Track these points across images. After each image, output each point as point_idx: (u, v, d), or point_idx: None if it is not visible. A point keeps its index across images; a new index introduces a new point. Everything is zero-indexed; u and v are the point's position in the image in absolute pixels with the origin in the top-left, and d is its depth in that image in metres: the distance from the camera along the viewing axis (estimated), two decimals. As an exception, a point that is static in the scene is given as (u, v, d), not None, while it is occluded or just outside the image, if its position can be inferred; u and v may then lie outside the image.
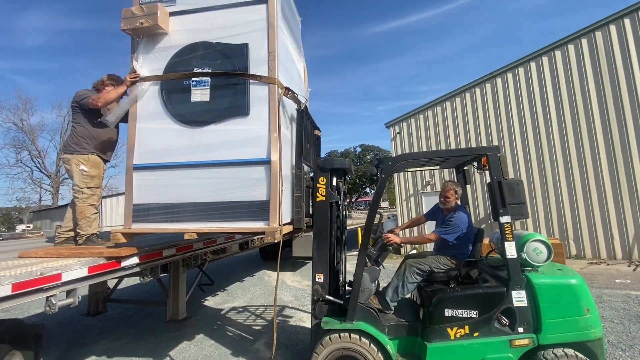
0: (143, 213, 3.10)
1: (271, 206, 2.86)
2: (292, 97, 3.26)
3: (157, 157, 3.11)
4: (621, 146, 9.13)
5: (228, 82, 3.06)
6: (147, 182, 3.12)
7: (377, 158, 3.49)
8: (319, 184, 3.26)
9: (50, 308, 2.59)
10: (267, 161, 2.91)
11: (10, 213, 42.67)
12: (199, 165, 3.04)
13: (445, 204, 3.45)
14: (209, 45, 3.12)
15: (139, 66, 3.20)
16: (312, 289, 3.20)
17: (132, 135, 3.17)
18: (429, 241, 3.38)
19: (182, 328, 5.23)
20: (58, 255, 3.12)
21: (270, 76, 2.98)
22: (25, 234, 23.65)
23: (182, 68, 3.14)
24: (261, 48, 3.03)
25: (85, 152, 3.44)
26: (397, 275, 3.34)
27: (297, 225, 3.21)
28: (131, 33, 3.18)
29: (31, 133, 33.59)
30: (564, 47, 9.93)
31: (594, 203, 9.37)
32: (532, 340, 2.74)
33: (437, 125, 11.94)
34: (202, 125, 3.07)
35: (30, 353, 2.82)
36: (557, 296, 2.76)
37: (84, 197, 3.41)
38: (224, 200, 2.98)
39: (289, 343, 4.52)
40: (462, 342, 2.83)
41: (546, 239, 3.00)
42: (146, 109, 3.19)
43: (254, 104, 3.00)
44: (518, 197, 2.87)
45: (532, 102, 10.33)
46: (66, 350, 4.61)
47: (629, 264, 8.49)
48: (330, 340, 3.01)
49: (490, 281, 3.12)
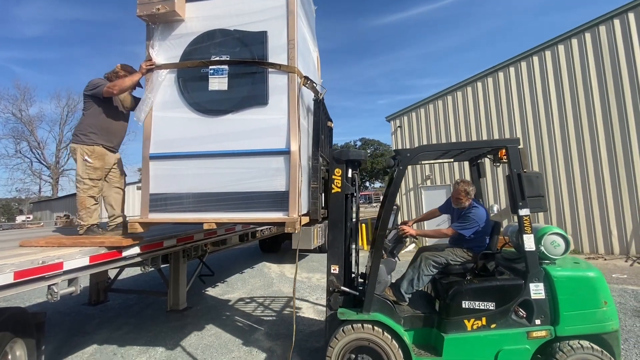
0: (160, 203, 3.07)
1: (290, 197, 2.84)
2: (311, 86, 3.21)
3: (173, 147, 3.07)
4: (622, 142, 9.15)
5: (246, 70, 3.01)
6: (164, 171, 3.09)
7: (395, 149, 3.49)
8: (335, 176, 3.24)
9: (52, 296, 2.61)
10: (287, 151, 2.87)
11: (10, 204, 42.51)
12: (217, 155, 3.01)
13: (459, 204, 3.45)
14: (227, 33, 3.06)
15: (155, 54, 3.14)
16: (328, 280, 3.21)
17: (148, 124, 3.12)
18: (445, 236, 3.38)
19: (182, 318, 5.28)
20: (59, 244, 3.11)
21: (289, 65, 2.93)
22: (25, 224, 23.81)
23: (199, 56, 3.07)
24: (280, 36, 2.97)
25: (91, 144, 3.41)
26: (412, 268, 3.35)
27: (314, 217, 3.19)
28: (147, 19, 3.10)
29: (30, 124, 33.41)
30: (567, 41, 9.87)
31: (593, 198, 9.41)
32: (549, 332, 2.77)
33: (438, 119, 11.91)
34: (219, 114, 3.03)
35: (32, 341, 2.83)
36: (575, 289, 2.79)
37: (85, 188, 3.39)
38: (243, 190, 2.95)
39: (288, 333, 4.57)
40: (479, 333, 2.87)
41: (564, 232, 3.03)
42: (162, 98, 3.14)
43: (273, 93, 2.96)
44: (537, 190, 2.87)
45: (534, 96, 10.29)
46: (68, 339, 4.66)
47: (626, 259, 8.59)
48: (347, 330, 3.03)
49: (507, 274, 3.14)
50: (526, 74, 10.45)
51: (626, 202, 9.05)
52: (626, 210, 9.04)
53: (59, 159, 34.88)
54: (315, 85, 3.32)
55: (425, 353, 2.99)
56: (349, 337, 3.03)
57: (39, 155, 34.24)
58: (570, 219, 9.62)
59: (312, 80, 3.22)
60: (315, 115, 3.38)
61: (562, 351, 2.73)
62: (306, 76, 3.13)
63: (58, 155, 34.88)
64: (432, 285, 3.53)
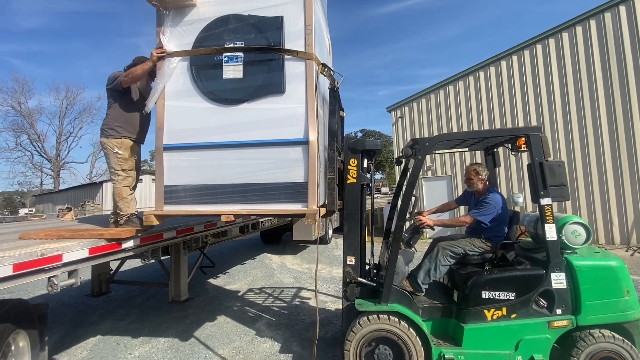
0: (175, 195, 2.99)
1: (310, 188, 2.77)
2: (328, 74, 3.10)
3: (188, 137, 2.97)
4: (625, 131, 9.15)
5: (262, 57, 2.89)
6: (178, 162, 3.00)
7: (413, 139, 3.42)
8: (350, 166, 3.18)
9: (52, 288, 2.60)
10: (305, 141, 2.79)
11: (12, 197, 42.71)
12: (233, 145, 2.92)
13: (471, 186, 3.46)
14: (241, 18, 2.94)
15: (166, 40, 3.01)
16: (344, 271, 3.19)
17: (161, 114, 3.02)
18: (464, 223, 3.34)
19: (184, 309, 5.29)
20: (58, 236, 3.09)
21: (307, 51, 2.82)
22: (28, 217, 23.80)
23: (213, 43, 2.95)
24: (297, 21, 2.85)
25: (118, 137, 3.45)
26: (429, 258, 3.32)
27: (331, 208, 3.14)
28: (158, 4, 2.97)
29: (30, 117, 33.31)
30: (572, 28, 9.74)
31: (595, 188, 9.43)
32: (570, 321, 2.77)
33: (439, 109, 11.81)
34: (235, 103, 2.93)
35: (35, 332, 2.82)
36: (597, 278, 2.78)
37: (119, 179, 3.44)
38: (260, 181, 2.87)
39: (289, 323, 4.63)
40: (499, 323, 2.86)
41: (585, 221, 3.00)
42: (175, 87, 3.03)
43: (290, 81, 2.85)
44: (559, 179, 2.84)
45: (537, 85, 10.20)
46: (71, 330, 4.67)
47: (626, 249, 8.65)
48: (364, 322, 3.01)
49: (525, 264, 3.12)
50: (529, 62, 10.34)
51: (628, 192, 9.07)
52: (628, 200, 9.07)
53: (59, 152, 34.78)
54: (333, 73, 3.22)
55: (444, 343, 2.98)
56: (367, 329, 3.01)
57: (40, 149, 34.15)
58: (571, 209, 9.63)
59: (329, 67, 3.12)
60: (331, 104, 3.29)
61: (584, 340, 2.73)
62: (324, 63, 3.04)
63: (58, 148, 34.78)
64: (449, 276, 3.51)
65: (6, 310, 2.57)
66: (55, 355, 3.90)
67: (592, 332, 2.74)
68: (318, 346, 3.87)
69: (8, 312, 2.58)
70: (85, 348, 4.11)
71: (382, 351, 2.98)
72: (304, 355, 3.72)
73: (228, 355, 3.80)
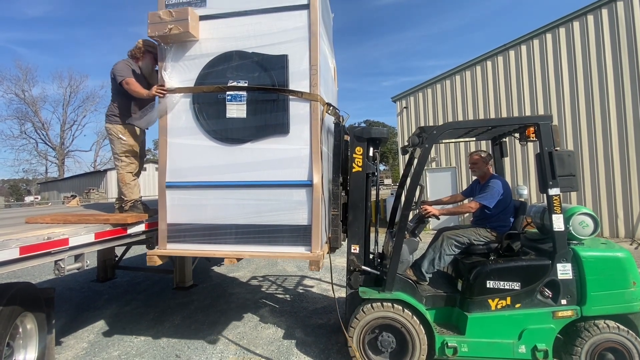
0: (178, 233, 3.00)
1: (313, 231, 2.76)
2: (333, 112, 3.12)
3: (191, 176, 2.96)
4: (634, 123, 9.02)
5: (266, 97, 2.85)
6: (182, 201, 2.99)
7: (420, 127, 3.39)
8: (356, 154, 3.15)
9: (60, 272, 2.63)
10: (309, 184, 2.77)
11: (18, 184, 43.21)
12: (236, 185, 2.90)
13: (476, 171, 3.50)
14: (245, 55, 2.88)
15: (168, 76, 2.96)
16: (348, 259, 3.19)
17: (164, 151, 3.00)
18: (469, 209, 3.33)
19: (188, 295, 5.37)
20: (65, 221, 3.11)
21: (312, 92, 2.78)
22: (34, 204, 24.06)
23: (216, 80, 2.90)
24: (302, 60, 2.80)
25: (122, 123, 3.46)
26: (434, 247, 3.32)
27: (334, 245, 3.16)
28: (159, 40, 2.93)
29: (33, 104, 33.28)
30: (583, 17, 9.51)
31: (601, 181, 9.34)
32: (575, 312, 2.77)
33: (445, 100, 11.66)
34: (238, 143, 2.90)
35: (43, 315, 2.86)
36: (604, 269, 2.77)
37: (123, 165, 3.46)
38: (263, 223, 2.86)
39: (292, 310, 4.69)
40: (503, 313, 2.87)
41: (593, 212, 2.98)
42: (177, 123, 2.98)
43: (294, 122, 2.82)
44: (569, 169, 2.80)
45: (545, 75, 10.03)
46: (78, 314, 4.76)
47: (631, 242, 8.60)
48: (368, 310, 3.03)
49: (531, 254, 3.12)
50: (538, 52, 10.14)
51: (634, 186, 8.97)
52: (634, 193, 8.98)
53: (63, 139, 34.88)
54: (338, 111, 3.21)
55: (448, 332, 2.99)
56: (370, 316, 3.02)
57: (44, 137, 34.26)
58: (576, 201, 9.55)
59: (334, 106, 3.10)
60: (335, 139, 3.28)
61: (588, 331, 2.73)
62: (328, 103, 3.01)
63: (63, 136, 34.87)
64: (453, 265, 3.51)
65: (13, 292, 2.60)
66: (62, 338, 3.97)
67: (597, 322, 2.74)
68: (320, 333, 3.94)
69: (15, 295, 2.61)
70: (91, 332, 4.19)
71: (385, 338, 3.01)
72: (307, 342, 3.76)
73: (232, 340, 3.85)
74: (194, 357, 3.50)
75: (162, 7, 2.96)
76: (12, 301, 2.57)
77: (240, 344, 3.75)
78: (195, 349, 3.67)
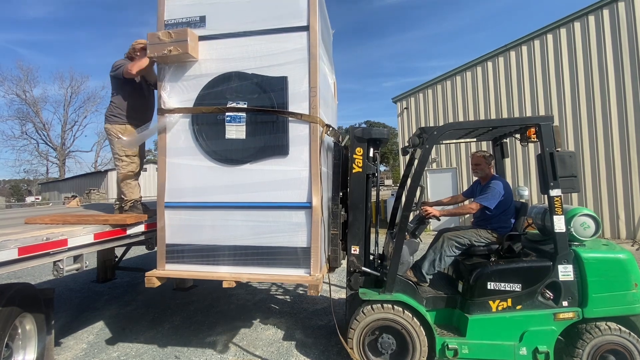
0: (176, 254, 2.99)
1: (312, 254, 2.75)
2: (333, 133, 3.13)
3: (189, 196, 2.95)
4: (635, 123, 8.97)
5: (266, 118, 2.84)
6: (180, 221, 2.98)
7: (420, 127, 3.38)
8: (356, 155, 3.14)
9: (59, 272, 2.61)
10: (308, 206, 2.76)
11: (18, 185, 43.33)
12: (234, 206, 2.89)
13: (479, 172, 3.48)
14: (245, 77, 2.88)
15: (167, 96, 2.96)
16: (348, 260, 3.18)
17: (163, 171, 2.99)
18: (470, 210, 3.32)
19: (188, 296, 5.33)
20: (64, 221, 3.10)
21: (311, 114, 2.77)
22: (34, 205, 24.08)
23: (215, 101, 2.90)
24: (302, 82, 2.80)
25: (122, 123, 3.49)
26: (434, 249, 3.31)
27: (334, 265, 3.15)
28: (158, 60, 2.95)
29: (34, 105, 33.41)
30: (584, 18, 9.49)
31: (602, 182, 9.32)
32: (577, 313, 2.76)
33: (446, 100, 11.65)
34: (237, 164, 2.89)
35: (42, 316, 2.85)
36: (605, 271, 2.76)
37: (123, 165, 3.47)
38: (262, 244, 2.85)
39: (292, 311, 4.68)
40: (504, 314, 2.86)
41: (594, 213, 2.97)
42: (176, 143, 2.98)
43: (293, 144, 2.81)
44: (570, 170, 2.79)
45: (546, 76, 10.02)
46: (78, 314, 4.75)
47: (632, 243, 8.57)
48: (368, 311, 3.02)
49: (532, 255, 3.10)
50: (539, 53, 10.12)
51: (636, 187, 8.95)
52: (635, 194, 8.96)
53: (64, 140, 34.98)
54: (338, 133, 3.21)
55: (448, 333, 2.98)
56: (370, 318, 3.01)
57: (45, 137, 34.37)
58: (577, 202, 9.53)
59: (333, 127, 3.11)
60: (335, 157, 3.27)
61: (589, 332, 2.72)
62: (328, 124, 3.01)
63: (63, 137, 34.98)
64: (454, 267, 3.49)
65: (12, 293, 2.59)
66: (61, 339, 3.96)
67: (598, 324, 2.73)
68: (320, 334, 3.92)
69: (14, 296, 2.60)
70: (91, 332, 4.18)
71: (385, 340, 3.00)
72: (307, 343, 3.74)
73: (232, 341, 3.84)
74: (193, 358, 3.49)
75: (161, 27, 2.96)
76: (11, 302, 2.56)
77: (240, 345, 3.74)
78: (195, 350, 3.66)
